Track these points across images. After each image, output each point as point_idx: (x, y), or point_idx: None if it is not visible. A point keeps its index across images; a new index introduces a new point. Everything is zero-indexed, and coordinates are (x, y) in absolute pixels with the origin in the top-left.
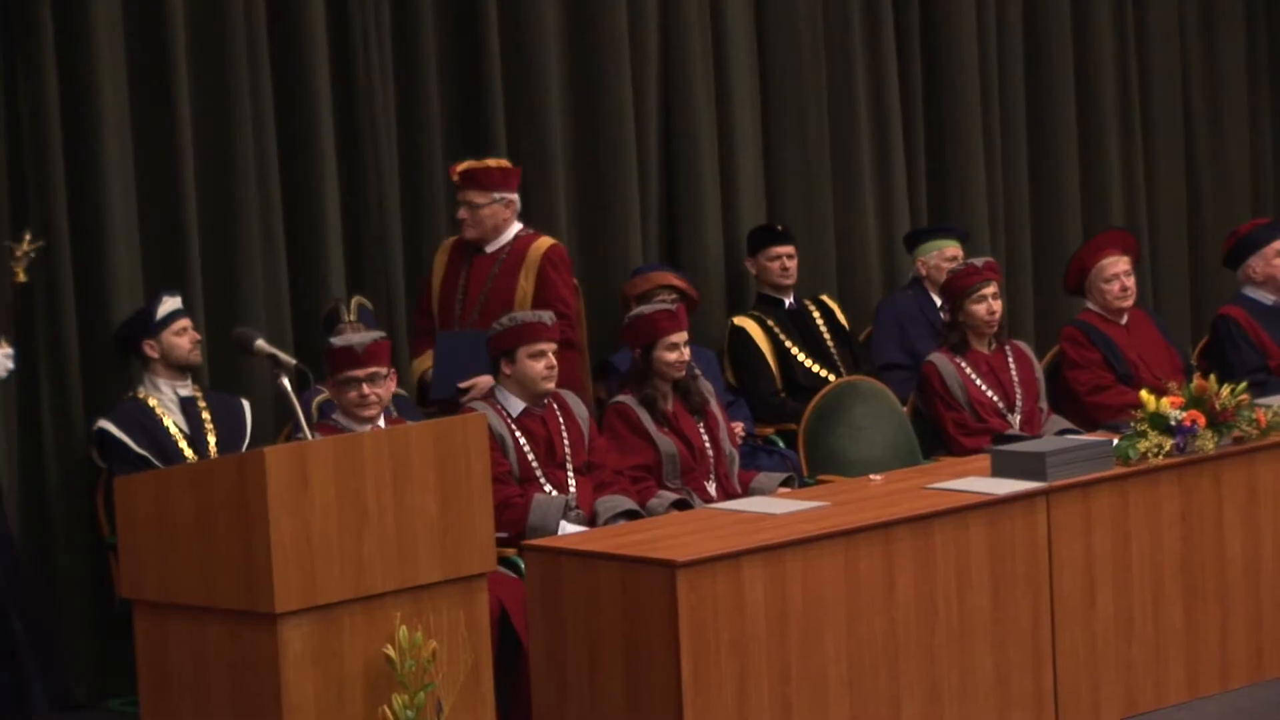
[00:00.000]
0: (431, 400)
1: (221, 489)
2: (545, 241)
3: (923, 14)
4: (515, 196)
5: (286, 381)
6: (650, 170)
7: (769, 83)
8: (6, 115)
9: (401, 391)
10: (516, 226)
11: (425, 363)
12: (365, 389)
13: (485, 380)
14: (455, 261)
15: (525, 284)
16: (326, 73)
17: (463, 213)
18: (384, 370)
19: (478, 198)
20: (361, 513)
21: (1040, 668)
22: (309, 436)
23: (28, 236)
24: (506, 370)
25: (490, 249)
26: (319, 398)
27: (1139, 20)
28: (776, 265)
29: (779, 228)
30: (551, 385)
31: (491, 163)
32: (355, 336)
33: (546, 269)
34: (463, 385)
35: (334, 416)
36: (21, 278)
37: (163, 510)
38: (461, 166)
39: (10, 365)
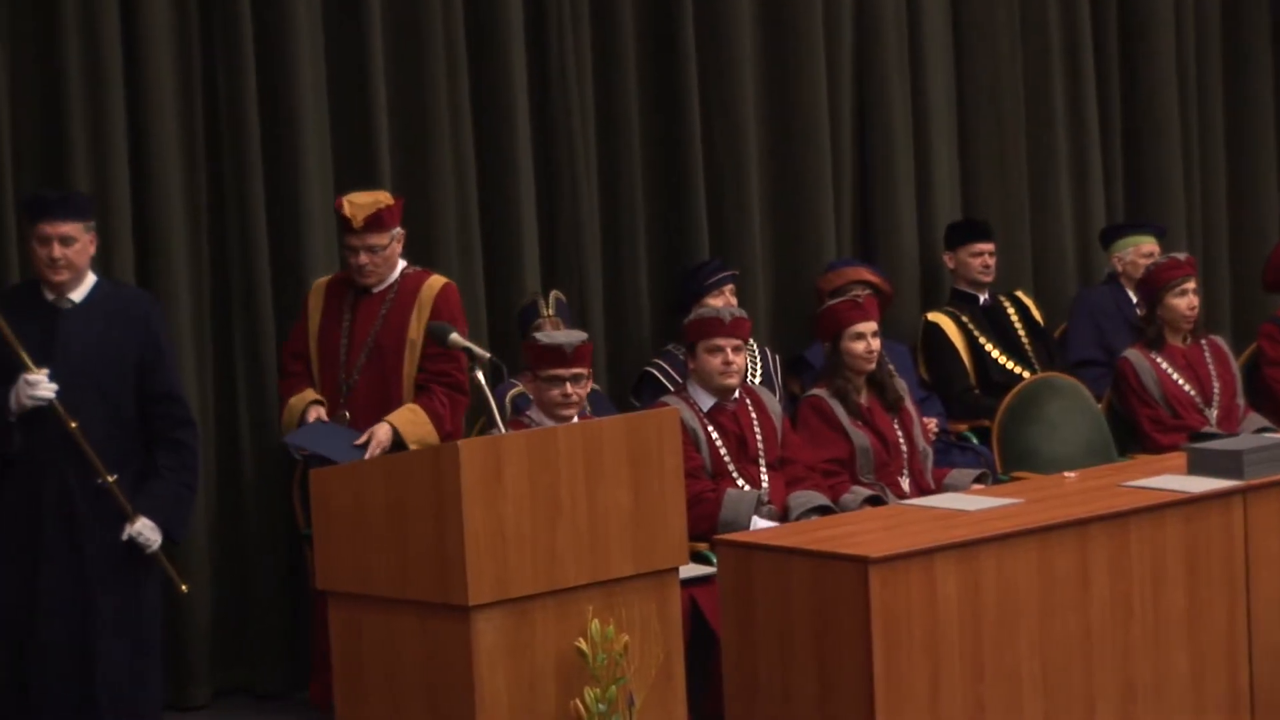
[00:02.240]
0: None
1: (416, 481)
2: (438, 280)
3: (1120, 8)
4: (402, 229)
5: (481, 375)
6: (844, 164)
7: (965, 77)
8: (206, 107)
9: (596, 388)
10: (402, 263)
11: (308, 396)
12: (569, 388)
13: (383, 431)
14: (334, 302)
15: (416, 321)
16: (523, 69)
17: (364, 258)
18: (586, 371)
19: (381, 239)
20: (554, 506)
21: (1236, 667)
22: (502, 430)
23: None
24: (691, 365)
25: (378, 289)
26: (513, 391)
27: None
28: (978, 261)
29: (981, 223)
30: (730, 381)
31: (383, 199)
32: (562, 335)
33: (440, 308)
34: (359, 442)
35: (528, 413)
36: None
37: (357, 502)
38: (361, 214)
39: (51, 389)
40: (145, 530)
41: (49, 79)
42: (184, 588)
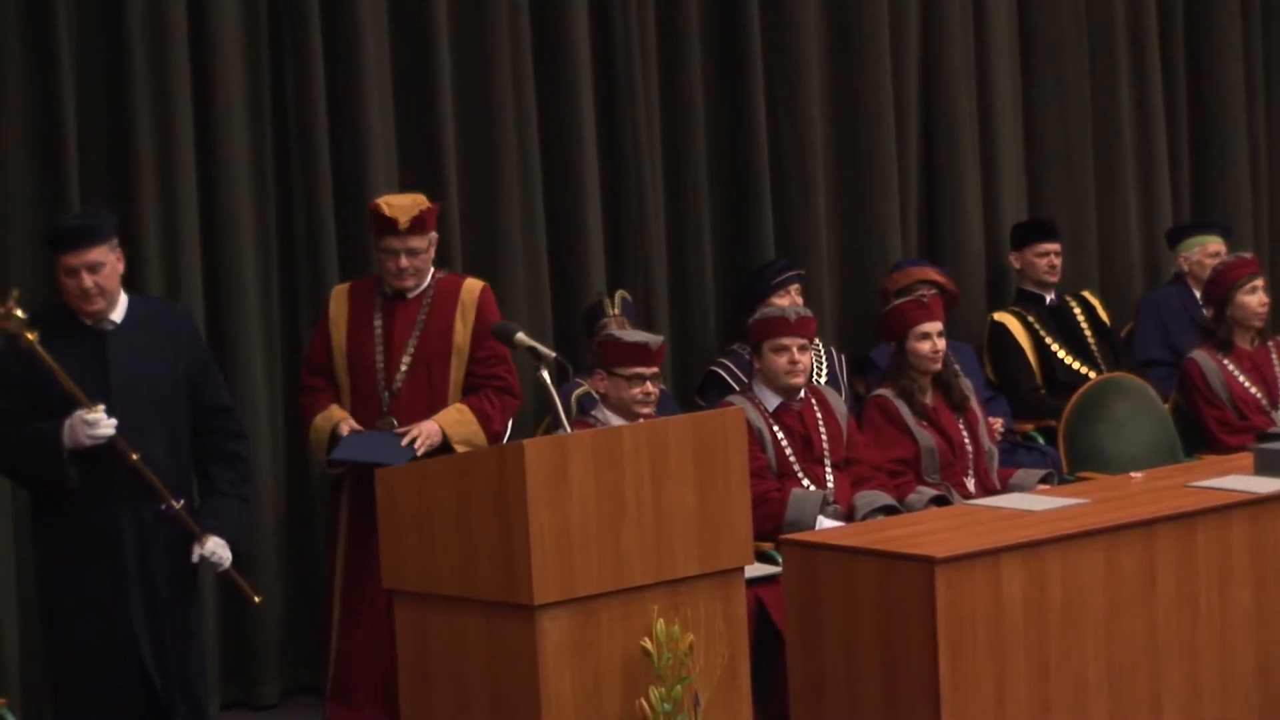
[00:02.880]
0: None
1: (481, 480)
2: (476, 283)
3: (1186, 7)
4: (436, 234)
5: (546, 374)
6: (910, 165)
7: (1031, 76)
8: (274, 107)
9: (663, 387)
10: (431, 267)
11: (334, 416)
12: (649, 386)
13: (429, 426)
14: (361, 309)
15: (462, 325)
16: (589, 71)
17: (404, 260)
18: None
19: (421, 242)
20: (619, 505)
21: None
22: (568, 429)
23: (15, 293)
24: (756, 364)
25: (412, 294)
26: (578, 391)
27: None
28: (1044, 262)
29: (1048, 223)
30: (795, 380)
31: (421, 201)
32: (643, 335)
33: (485, 311)
34: (406, 441)
35: (593, 413)
36: (30, 337)
37: (423, 501)
38: (404, 215)
39: (111, 426)
40: (218, 549)
41: (115, 79)
42: (257, 599)
